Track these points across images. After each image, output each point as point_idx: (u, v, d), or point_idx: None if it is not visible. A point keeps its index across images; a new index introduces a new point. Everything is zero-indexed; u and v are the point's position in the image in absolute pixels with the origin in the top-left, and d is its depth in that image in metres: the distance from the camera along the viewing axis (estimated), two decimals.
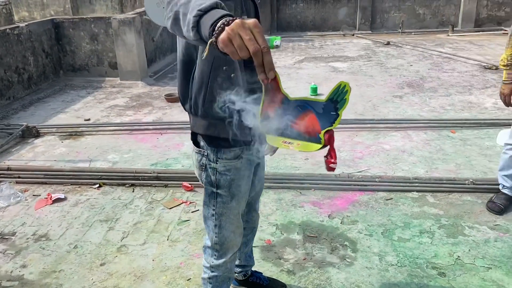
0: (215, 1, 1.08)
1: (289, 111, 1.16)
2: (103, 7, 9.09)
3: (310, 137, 1.16)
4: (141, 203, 3.21)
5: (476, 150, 3.87)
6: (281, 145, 1.20)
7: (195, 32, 1.10)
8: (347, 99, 1.11)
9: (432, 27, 9.95)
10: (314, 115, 1.15)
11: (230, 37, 0.96)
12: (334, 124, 1.14)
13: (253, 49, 0.95)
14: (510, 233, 2.70)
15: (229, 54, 0.98)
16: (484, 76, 6.25)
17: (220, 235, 1.79)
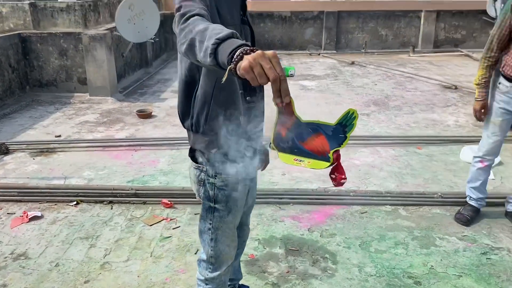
0: (231, 31, 1.18)
1: (301, 132, 1.29)
2: (65, 21, 8.95)
3: (320, 156, 1.30)
4: (121, 220, 3.20)
5: (442, 166, 4.10)
6: (293, 163, 1.32)
7: (213, 58, 1.18)
8: (355, 124, 1.26)
9: (394, 47, 10.42)
10: (324, 136, 1.28)
11: (251, 65, 1.06)
12: (342, 145, 1.28)
13: (273, 77, 1.05)
14: (477, 243, 2.88)
15: (249, 80, 1.08)
16: (445, 95, 6.61)
17: (215, 249, 1.84)
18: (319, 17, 10.27)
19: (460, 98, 6.46)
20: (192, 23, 1.34)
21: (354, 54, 10.14)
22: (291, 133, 1.29)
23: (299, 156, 1.32)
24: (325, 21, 10.21)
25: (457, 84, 7.12)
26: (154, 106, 6.17)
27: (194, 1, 1.45)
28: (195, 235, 2.99)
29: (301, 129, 1.28)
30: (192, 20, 1.35)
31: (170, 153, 4.45)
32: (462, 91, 6.83)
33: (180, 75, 1.68)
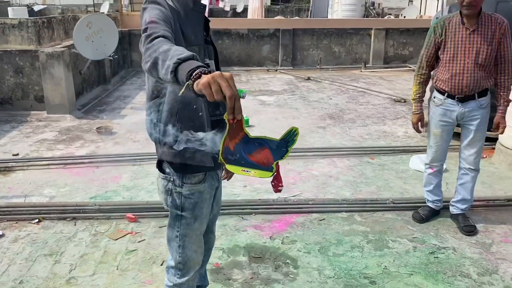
0: (192, 54, 1.34)
1: (248, 146, 1.45)
2: (18, 38, 8.80)
3: (265, 167, 1.47)
4: (85, 235, 3.22)
5: (393, 174, 4.37)
6: (241, 173, 1.48)
7: (173, 75, 1.33)
8: (295, 140, 1.45)
9: (346, 63, 10.87)
10: (268, 150, 1.46)
11: (210, 82, 1.21)
12: (284, 157, 1.47)
13: (229, 94, 1.21)
14: (425, 243, 3.12)
15: (206, 95, 1.22)
16: (395, 108, 7.00)
17: (183, 255, 1.94)
18: (275, 35, 10.59)
19: (409, 111, 6.84)
20: (157, 44, 1.47)
21: (309, 70, 10.50)
22: (239, 147, 1.44)
23: (246, 167, 1.48)
24: (281, 38, 10.54)
25: (406, 98, 7.55)
26: (114, 123, 6.17)
27: (159, 23, 1.58)
28: (160, 247, 3.06)
29: (249, 144, 1.44)
30: (157, 41, 1.48)
31: (132, 169, 4.49)
32: (410, 104, 7.20)
33: (148, 91, 1.80)
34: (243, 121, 1.37)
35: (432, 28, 3.06)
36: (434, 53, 3.08)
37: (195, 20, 1.79)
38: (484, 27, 2.92)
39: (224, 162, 1.48)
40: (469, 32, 2.94)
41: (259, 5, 15.43)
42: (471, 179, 3.23)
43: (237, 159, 1.47)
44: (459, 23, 2.96)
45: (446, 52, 2.99)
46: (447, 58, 2.99)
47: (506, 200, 3.68)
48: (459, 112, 3.06)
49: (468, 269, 2.81)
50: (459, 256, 2.96)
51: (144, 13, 1.64)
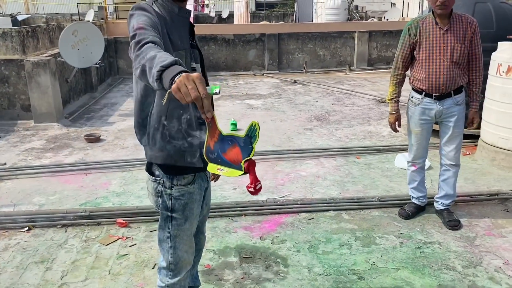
0: (174, 59, 1.38)
1: (223, 144, 1.46)
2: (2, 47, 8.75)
3: (235, 165, 1.45)
4: (76, 242, 3.24)
5: (379, 173, 4.45)
6: (216, 171, 1.49)
7: (159, 83, 1.38)
8: (257, 135, 1.41)
9: (331, 66, 11.00)
10: (238, 148, 1.44)
11: (178, 86, 1.27)
12: (250, 155, 1.43)
13: (193, 96, 1.25)
14: (412, 239, 3.20)
15: (178, 99, 1.28)
16: (379, 109, 7.11)
17: (174, 256, 1.98)
18: (261, 39, 10.68)
19: None
20: (145, 50, 1.52)
21: (295, 74, 10.60)
22: (217, 145, 1.46)
23: (222, 165, 1.47)
24: (266, 43, 10.63)
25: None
26: (102, 130, 6.17)
27: (146, 29, 1.63)
28: (151, 251, 3.09)
29: (223, 141, 1.44)
30: (145, 47, 1.53)
31: (121, 175, 4.51)
32: None
33: (136, 95, 1.85)
34: (215, 119, 1.40)
35: (406, 29, 3.16)
36: (409, 53, 3.18)
37: (181, 25, 1.85)
38: (456, 26, 3.03)
39: (207, 160, 1.51)
40: (442, 32, 3.04)
41: (244, 10, 15.56)
42: (453, 175, 3.32)
43: (215, 158, 1.48)
44: (432, 23, 3.07)
45: (422, 51, 3.09)
46: (423, 57, 3.09)
47: (488, 195, 3.78)
48: (437, 109, 3.16)
49: (453, 262, 2.89)
50: (444, 250, 3.04)
51: (132, 19, 1.68)
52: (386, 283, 2.70)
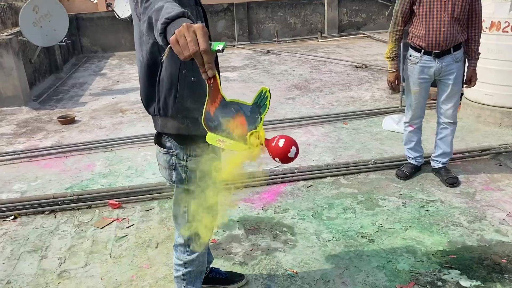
0: (182, 11, 1.19)
1: (226, 112, 1.23)
2: None
3: (240, 137, 1.22)
4: (69, 227, 3.06)
5: (368, 136, 4.42)
6: (216, 143, 1.25)
7: (163, 37, 1.21)
8: (267, 104, 1.18)
9: (303, 34, 10.86)
10: (244, 117, 1.22)
11: (177, 38, 1.06)
12: (258, 126, 1.19)
13: (192, 50, 1.04)
14: (413, 199, 3.19)
15: (177, 53, 1.08)
16: (358, 74, 7.08)
17: None
18: (229, 9, 10.38)
19: (371, 76, 6.95)
20: (153, 1, 1.35)
21: (267, 44, 10.41)
22: (218, 112, 1.23)
23: (224, 136, 1.24)
24: (235, 13, 10.35)
25: (366, 63, 7.65)
26: (74, 111, 5.87)
27: None
28: (151, 230, 2.96)
29: (226, 108, 1.22)
30: None
31: (104, 155, 4.30)
32: (372, 69, 7.36)
33: (141, 60, 1.68)
34: (218, 81, 1.18)
35: None
36: (409, 8, 3.09)
37: None
38: None
39: (206, 128, 1.28)
40: None
41: None
42: (450, 132, 3.32)
43: (216, 126, 1.26)
44: None
45: (422, 6, 3.00)
46: (423, 12, 3.01)
47: (480, 151, 3.82)
48: (436, 67, 3.11)
49: (458, 218, 2.91)
50: (447, 207, 3.04)
51: None
52: (396, 243, 2.68)
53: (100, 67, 8.79)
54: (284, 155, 1.20)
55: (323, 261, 2.55)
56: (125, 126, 5.10)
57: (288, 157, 1.20)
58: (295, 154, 1.22)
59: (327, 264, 2.53)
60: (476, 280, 2.34)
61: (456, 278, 2.36)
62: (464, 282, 2.33)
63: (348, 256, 2.59)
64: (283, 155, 1.20)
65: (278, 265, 2.54)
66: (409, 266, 2.47)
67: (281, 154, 1.19)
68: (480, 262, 2.48)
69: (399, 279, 2.38)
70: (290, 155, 1.20)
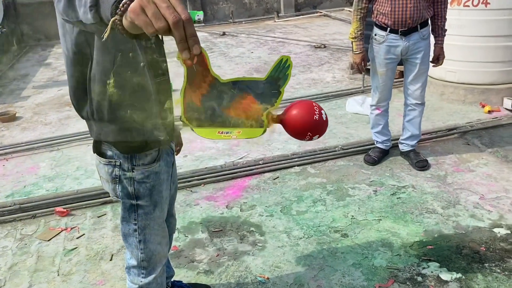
0: None
1: (222, 96, 1.02)
2: None
3: (252, 122, 1.06)
4: (9, 242, 2.72)
5: (333, 120, 4.24)
6: (218, 136, 1.07)
7: (94, 12, 0.94)
8: (289, 74, 1.09)
9: (259, 15, 10.54)
10: (252, 96, 1.05)
11: (142, 5, 0.79)
12: (276, 103, 1.08)
13: (173, 18, 0.78)
14: (384, 185, 3.04)
15: (141, 26, 0.80)
16: (317, 55, 6.88)
17: (146, 250, 1.61)
18: None
19: (331, 56, 6.78)
20: None
21: (223, 25, 10.03)
22: (209, 99, 1.01)
23: (224, 127, 1.06)
24: None
25: (325, 43, 7.47)
26: (15, 106, 5.38)
27: None
28: (105, 240, 2.67)
29: (222, 92, 1.01)
30: None
31: (50, 156, 3.92)
32: (331, 49, 7.18)
33: (67, 53, 1.37)
34: (206, 59, 0.95)
35: None
36: None
37: None
38: None
39: (189, 124, 1.06)
40: None
41: None
42: (418, 114, 3.18)
43: (210, 117, 1.04)
44: None
45: None
46: None
47: (447, 130, 3.73)
48: (403, 46, 2.93)
49: (432, 204, 2.78)
50: (420, 193, 2.92)
51: None
52: (371, 236, 2.52)
53: (45, 57, 8.18)
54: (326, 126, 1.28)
55: (295, 263, 2.35)
56: (73, 121, 4.69)
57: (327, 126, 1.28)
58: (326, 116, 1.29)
59: (300, 265, 2.33)
60: (457, 272, 2.22)
61: (436, 272, 2.22)
62: (444, 276, 2.20)
63: (322, 254, 2.40)
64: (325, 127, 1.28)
65: (247, 271, 2.32)
66: (386, 262, 2.31)
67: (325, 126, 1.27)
68: (459, 251, 2.36)
69: (377, 277, 2.22)
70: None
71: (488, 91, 4.22)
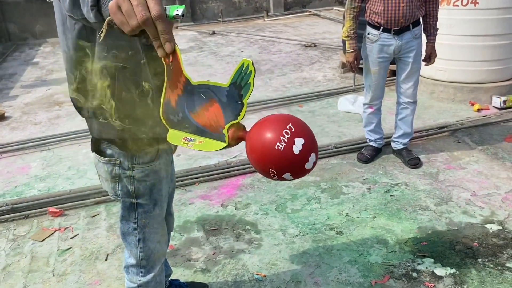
0: None
1: (192, 100, 0.94)
2: None
3: (214, 133, 0.93)
4: (2, 243, 2.69)
5: (325, 119, 4.27)
6: (180, 143, 0.98)
7: (95, 12, 0.94)
8: (251, 82, 0.88)
9: (248, 14, 10.54)
10: (218, 104, 0.92)
11: (118, 3, 0.80)
12: (239, 116, 0.89)
13: (140, 16, 0.78)
14: (378, 183, 3.07)
15: (118, 25, 0.82)
16: (307, 54, 6.91)
17: (145, 249, 1.61)
18: None
19: (322, 55, 6.81)
20: None
21: (212, 24, 10.00)
22: (181, 101, 0.94)
23: (191, 133, 0.96)
24: None
25: (315, 42, 7.50)
26: (4, 106, 5.30)
27: None
28: (99, 240, 2.65)
29: (193, 95, 0.92)
30: None
31: (41, 155, 3.87)
32: (321, 48, 7.22)
33: (67, 51, 1.36)
34: (179, 57, 0.88)
35: None
36: None
37: None
38: None
39: (166, 124, 1.02)
40: None
41: None
42: (411, 112, 3.21)
43: (180, 121, 0.97)
44: None
45: None
46: None
47: (437, 128, 3.77)
48: (396, 45, 2.96)
49: (425, 201, 2.82)
50: (413, 190, 2.95)
51: None
52: (366, 234, 2.55)
53: (32, 56, 8.07)
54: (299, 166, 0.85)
55: (292, 260, 2.37)
56: (63, 120, 4.64)
57: (305, 168, 0.87)
58: (314, 163, 0.88)
59: (296, 263, 2.35)
60: (451, 267, 2.25)
61: (431, 267, 2.25)
62: (439, 271, 2.23)
63: (318, 252, 2.42)
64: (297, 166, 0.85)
65: (244, 268, 2.33)
66: (382, 258, 2.34)
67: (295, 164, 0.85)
68: (452, 247, 2.39)
69: (373, 274, 2.24)
70: (308, 166, 0.88)
71: (477, 90, 4.28)
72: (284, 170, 0.87)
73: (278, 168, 0.87)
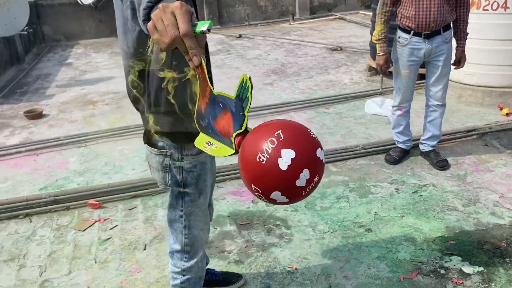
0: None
1: (214, 108, 1.01)
2: None
3: (226, 140, 0.99)
4: (46, 232, 2.85)
5: (352, 121, 4.34)
6: (202, 146, 1.06)
7: (147, 25, 1.04)
8: (249, 97, 0.90)
9: (274, 17, 10.67)
10: (230, 114, 0.97)
11: (154, 23, 0.89)
12: (243, 126, 0.93)
13: (170, 36, 0.86)
14: (406, 184, 3.13)
15: (156, 42, 0.91)
16: (334, 57, 6.98)
17: (190, 236, 1.72)
18: None
19: (348, 58, 6.87)
20: None
21: (238, 27, 10.17)
22: (208, 108, 1.02)
23: (213, 138, 1.03)
24: None
25: (341, 46, 7.57)
26: (41, 104, 5.54)
27: None
28: (137, 231, 2.79)
29: (214, 104, 1.00)
30: None
31: (79, 151, 4.06)
32: (347, 51, 7.28)
33: (126, 50, 1.49)
34: (204, 69, 0.95)
35: None
36: None
37: None
38: None
39: (198, 128, 1.10)
40: None
41: None
42: (439, 115, 3.26)
43: (206, 126, 1.05)
44: None
45: None
46: None
47: (466, 132, 3.80)
48: (426, 49, 3.02)
49: (453, 202, 2.86)
50: (440, 191, 3.00)
51: None
52: (394, 232, 2.61)
53: (65, 57, 8.37)
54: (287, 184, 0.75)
55: (322, 255, 2.45)
56: (97, 118, 4.84)
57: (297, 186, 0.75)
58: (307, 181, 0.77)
59: (326, 257, 2.43)
60: (479, 265, 2.30)
61: (458, 265, 2.31)
62: (466, 269, 2.28)
63: (347, 248, 2.50)
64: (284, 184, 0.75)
65: (276, 261, 2.43)
66: (410, 255, 2.41)
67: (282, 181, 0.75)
68: (480, 247, 2.44)
69: (401, 269, 2.31)
70: (299, 184, 0.76)
71: (506, 94, 4.29)
72: (269, 188, 0.78)
73: (261, 186, 0.78)
